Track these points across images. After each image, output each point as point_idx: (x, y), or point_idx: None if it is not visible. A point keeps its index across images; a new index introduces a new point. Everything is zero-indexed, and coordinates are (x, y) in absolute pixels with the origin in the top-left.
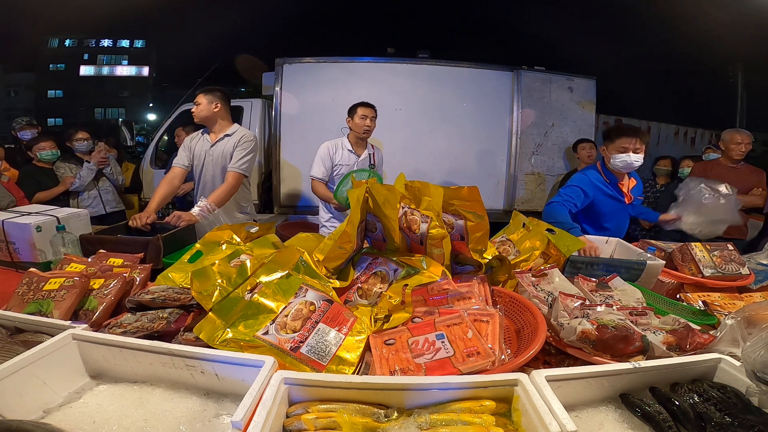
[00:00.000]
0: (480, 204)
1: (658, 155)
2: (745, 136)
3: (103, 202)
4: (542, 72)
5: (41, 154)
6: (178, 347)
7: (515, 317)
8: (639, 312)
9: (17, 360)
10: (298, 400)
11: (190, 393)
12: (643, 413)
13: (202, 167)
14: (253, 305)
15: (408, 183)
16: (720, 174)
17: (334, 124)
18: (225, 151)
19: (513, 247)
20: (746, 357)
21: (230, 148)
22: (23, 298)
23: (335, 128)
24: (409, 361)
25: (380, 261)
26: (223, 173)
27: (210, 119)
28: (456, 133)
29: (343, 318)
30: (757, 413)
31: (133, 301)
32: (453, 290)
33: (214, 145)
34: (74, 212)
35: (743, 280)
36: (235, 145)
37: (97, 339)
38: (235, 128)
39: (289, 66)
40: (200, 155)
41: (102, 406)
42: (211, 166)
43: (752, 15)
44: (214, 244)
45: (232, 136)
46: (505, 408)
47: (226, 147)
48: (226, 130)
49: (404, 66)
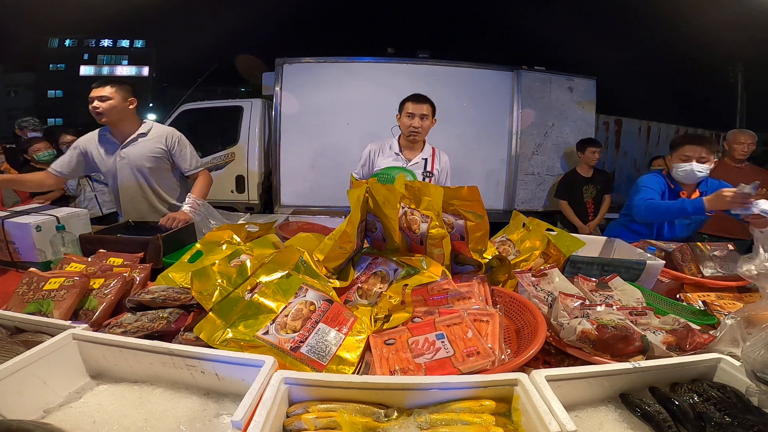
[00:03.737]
0: (480, 204)
1: (657, 155)
2: (748, 136)
3: (99, 204)
4: (542, 72)
5: (38, 155)
6: (178, 347)
7: (515, 317)
8: (639, 312)
9: (17, 360)
10: (298, 399)
11: (190, 393)
12: (643, 413)
13: (115, 174)
14: (253, 305)
15: (408, 183)
16: (723, 174)
17: (335, 124)
18: (144, 152)
19: (513, 247)
20: (746, 357)
21: (154, 149)
22: (23, 298)
23: (335, 128)
24: (409, 361)
25: (380, 261)
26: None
27: (123, 117)
28: (456, 133)
29: (343, 318)
30: (757, 413)
31: (133, 301)
32: (453, 290)
33: (126, 147)
34: (74, 212)
35: (743, 280)
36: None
37: (97, 339)
38: (147, 126)
39: (289, 66)
40: (108, 161)
41: (102, 405)
42: (128, 170)
43: (752, 15)
44: (214, 244)
45: (149, 136)
46: (505, 408)
47: (144, 149)
48: (137, 128)
49: (404, 66)
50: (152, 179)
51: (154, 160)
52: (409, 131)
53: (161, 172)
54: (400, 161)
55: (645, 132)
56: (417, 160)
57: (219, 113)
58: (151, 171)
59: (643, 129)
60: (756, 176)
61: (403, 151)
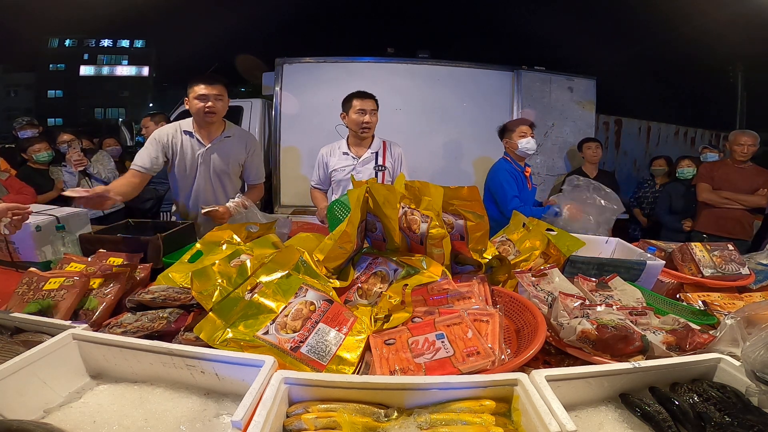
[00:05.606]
0: (480, 204)
1: (657, 155)
2: (749, 137)
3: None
4: (542, 72)
5: (36, 156)
6: (178, 347)
7: (515, 317)
8: (639, 312)
9: (17, 360)
10: (298, 399)
11: (191, 393)
12: (643, 413)
13: (195, 174)
14: (253, 305)
15: (408, 183)
16: (726, 174)
17: (334, 125)
18: (226, 155)
19: (513, 247)
20: (746, 357)
21: (234, 152)
22: (23, 298)
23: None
24: (409, 361)
25: (380, 261)
26: (221, 179)
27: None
28: (456, 133)
29: (343, 318)
30: (757, 413)
31: (133, 301)
32: (453, 290)
33: (210, 148)
34: (74, 212)
35: (743, 280)
36: (247, 152)
37: (97, 339)
38: (232, 128)
39: (289, 66)
40: (190, 159)
41: (102, 405)
42: (207, 171)
43: (752, 15)
44: (214, 244)
45: (233, 139)
46: (505, 408)
47: (227, 150)
48: (223, 129)
49: (404, 66)
50: (226, 181)
51: (235, 163)
52: (361, 127)
53: (234, 176)
54: (350, 159)
55: (645, 132)
56: (367, 155)
57: None
58: (228, 174)
59: (643, 129)
60: (759, 177)
61: (351, 149)
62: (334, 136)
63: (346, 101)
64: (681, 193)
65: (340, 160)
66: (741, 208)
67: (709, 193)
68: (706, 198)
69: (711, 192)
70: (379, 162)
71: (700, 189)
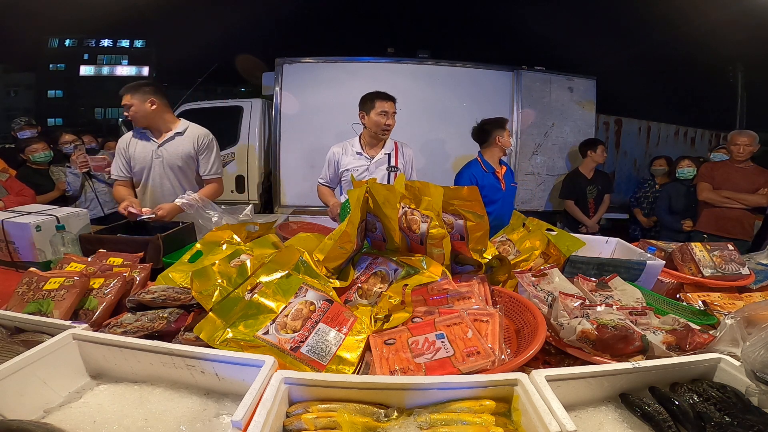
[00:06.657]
0: (480, 204)
1: (657, 155)
2: (745, 137)
3: (101, 204)
4: (542, 72)
5: (34, 156)
6: (178, 347)
7: (515, 317)
8: (639, 312)
9: (17, 360)
10: (298, 399)
11: (191, 393)
12: (643, 413)
13: (149, 170)
14: (254, 305)
15: (408, 183)
16: (726, 174)
17: (335, 124)
18: (178, 151)
19: (513, 247)
20: (746, 357)
21: (186, 148)
22: (23, 298)
23: (335, 128)
24: (409, 361)
25: (380, 261)
26: (176, 175)
27: (150, 118)
28: (456, 133)
29: (343, 318)
30: (757, 413)
31: (133, 301)
32: (453, 290)
33: (163, 145)
34: (74, 212)
35: (743, 280)
36: (195, 149)
37: (97, 339)
38: (184, 125)
39: (289, 66)
40: (145, 158)
41: (102, 405)
42: (160, 168)
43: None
44: (214, 244)
45: (185, 135)
46: (505, 408)
47: (179, 147)
48: (175, 127)
49: (404, 66)
50: (181, 178)
51: (186, 160)
52: (382, 129)
53: (189, 172)
54: (364, 159)
55: (645, 132)
56: (380, 156)
57: (219, 113)
58: (181, 170)
59: (643, 129)
60: (759, 177)
61: (365, 149)
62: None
63: (367, 101)
64: (681, 193)
65: (354, 159)
66: (741, 208)
67: (709, 192)
68: (706, 197)
69: (711, 191)
70: (392, 163)
71: (701, 188)
